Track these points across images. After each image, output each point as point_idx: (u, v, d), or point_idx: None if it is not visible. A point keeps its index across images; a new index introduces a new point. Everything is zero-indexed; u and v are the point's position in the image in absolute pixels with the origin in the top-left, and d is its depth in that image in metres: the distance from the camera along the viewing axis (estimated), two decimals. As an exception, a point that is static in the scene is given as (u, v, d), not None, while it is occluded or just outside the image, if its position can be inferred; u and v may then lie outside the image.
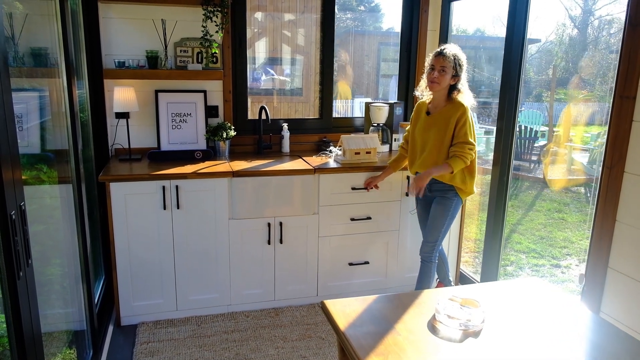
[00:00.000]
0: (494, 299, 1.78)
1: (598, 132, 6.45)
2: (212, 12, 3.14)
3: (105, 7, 3.16)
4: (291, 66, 3.98)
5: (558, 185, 6.53)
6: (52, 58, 2.26)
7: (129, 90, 3.11)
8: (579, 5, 6.53)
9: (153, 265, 3.00)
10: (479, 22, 6.21)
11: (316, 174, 3.13)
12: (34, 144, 2.22)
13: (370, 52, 4.46)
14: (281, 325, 3.08)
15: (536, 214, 6.01)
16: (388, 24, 4.50)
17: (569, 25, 6.62)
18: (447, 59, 2.71)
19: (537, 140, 7.03)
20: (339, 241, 3.30)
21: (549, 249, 5.11)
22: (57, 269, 2.44)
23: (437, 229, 2.91)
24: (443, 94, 2.80)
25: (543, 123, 7.25)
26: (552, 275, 4.57)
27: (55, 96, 2.33)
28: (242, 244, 3.11)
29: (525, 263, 4.81)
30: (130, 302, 3.02)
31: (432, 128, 2.82)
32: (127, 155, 3.23)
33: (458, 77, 2.75)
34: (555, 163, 6.89)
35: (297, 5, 3.76)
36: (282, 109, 4.00)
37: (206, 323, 3.08)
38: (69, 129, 2.38)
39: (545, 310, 1.72)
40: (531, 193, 6.72)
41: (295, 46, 3.90)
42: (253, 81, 3.83)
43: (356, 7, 4.43)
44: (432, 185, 2.89)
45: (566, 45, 6.63)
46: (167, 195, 2.91)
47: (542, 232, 5.50)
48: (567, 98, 6.91)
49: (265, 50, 3.88)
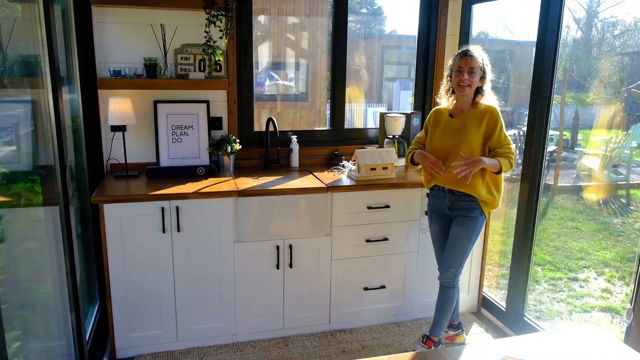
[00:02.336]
0: (543, 355, 1.51)
1: (610, 136, 6.26)
2: (215, 16, 2.89)
3: (99, 11, 2.92)
4: (295, 71, 3.78)
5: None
6: (36, 66, 2.03)
7: (125, 101, 2.87)
8: (582, 8, 6.42)
9: (152, 292, 2.75)
10: (483, 26, 6.04)
11: (329, 193, 2.88)
12: (13, 159, 1.99)
13: (375, 56, 4.27)
14: (291, 357, 2.82)
15: (549, 223, 5.80)
16: (392, 26, 4.30)
17: (573, 27, 6.53)
18: (474, 59, 2.52)
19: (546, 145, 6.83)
20: (353, 264, 3.04)
21: (564, 261, 4.90)
22: (41, 298, 2.22)
23: (461, 253, 2.65)
24: (469, 97, 2.60)
25: (552, 127, 7.06)
26: (570, 289, 4.35)
27: (42, 107, 2.10)
28: (249, 269, 2.86)
29: (542, 276, 4.60)
30: (127, 332, 2.77)
31: (460, 130, 2.58)
32: (123, 172, 2.98)
33: (485, 78, 2.58)
34: (565, 168, 6.72)
35: (302, 9, 3.56)
36: (287, 116, 3.79)
37: (209, 355, 2.82)
38: (55, 144, 2.13)
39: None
40: (543, 200, 6.52)
41: (300, 50, 3.70)
42: (257, 86, 3.61)
43: (358, 10, 4.25)
44: (454, 203, 2.63)
45: (570, 48, 6.51)
46: (167, 217, 2.65)
47: (557, 242, 5.31)
48: (574, 102, 6.75)
49: (269, 55, 3.68)
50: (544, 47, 2.73)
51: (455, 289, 2.72)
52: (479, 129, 2.54)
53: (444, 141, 2.63)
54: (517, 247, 3.02)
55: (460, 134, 2.57)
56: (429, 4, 3.52)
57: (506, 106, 6.23)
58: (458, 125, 2.60)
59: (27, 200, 2.02)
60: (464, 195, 2.58)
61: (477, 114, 2.56)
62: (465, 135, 2.55)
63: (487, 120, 2.53)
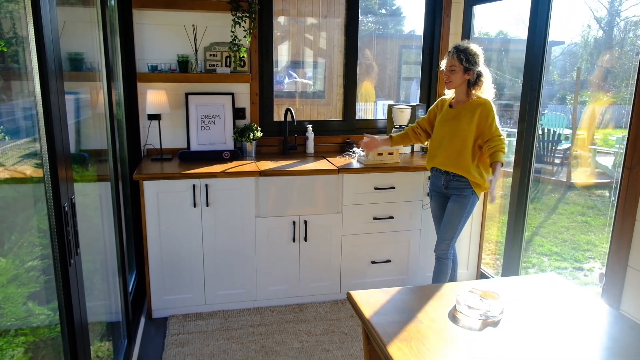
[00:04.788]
0: (513, 292, 1.85)
1: (623, 134, 6.34)
2: (240, 17, 3.26)
3: (139, 13, 3.32)
4: (314, 69, 4.06)
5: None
6: (93, 62, 2.40)
7: (160, 93, 3.26)
8: (604, 7, 6.46)
9: (183, 260, 3.13)
10: (502, 25, 6.21)
11: (340, 174, 3.23)
12: (77, 144, 2.36)
13: (392, 55, 4.51)
14: (305, 320, 3.18)
15: (559, 217, 5.97)
16: (410, 27, 4.55)
17: (595, 27, 6.55)
18: (453, 58, 2.77)
19: (560, 143, 6.99)
20: (362, 239, 3.39)
21: (571, 252, 5.08)
22: (95, 264, 2.58)
23: (454, 227, 2.95)
24: (463, 90, 2.84)
25: (567, 126, 7.19)
26: (574, 277, 4.56)
27: (96, 99, 2.48)
28: (268, 242, 3.22)
29: (547, 265, 4.80)
30: (161, 295, 3.15)
31: (455, 120, 2.86)
32: (158, 155, 3.38)
33: (471, 71, 2.78)
34: (579, 166, 6.83)
35: (320, 10, 3.84)
36: (305, 112, 4.08)
37: (233, 317, 3.20)
38: (108, 130, 2.52)
39: (562, 303, 1.78)
40: (554, 196, 6.68)
41: (317, 49, 3.99)
42: (276, 84, 3.93)
43: (377, 10, 4.50)
44: (449, 182, 2.93)
45: (591, 47, 6.57)
46: (197, 193, 3.03)
47: (565, 235, 5.46)
48: (591, 100, 6.84)
49: (288, 54, 3.98)
50: (534, 43, 3.03)
51: (448, 260, 3.01)
52: (471, 120, 2.80)
53: (441, 128, 2.94)
54: (510, 226, 3.33)
55: (454, 123, 2.86)
56: (433, 5, 3.84)
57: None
58: (453, 115, 2.89)
59: (87, 176, 2.40)
60: (457, 176, 2.89)
61: (471, 106, 2.82)
62: (458, 125, 2.84)
63: (480, 112, 2.78)
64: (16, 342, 1.58)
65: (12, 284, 1.55)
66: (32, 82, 1.39)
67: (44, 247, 1.58)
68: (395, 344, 1.45)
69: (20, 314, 1.60)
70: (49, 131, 1.41)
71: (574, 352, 1.47)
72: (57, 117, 1.46)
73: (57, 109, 1.46)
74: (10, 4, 1.50)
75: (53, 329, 1.68)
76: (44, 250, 1.58)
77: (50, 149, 1.42)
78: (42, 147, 1.43)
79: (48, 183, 1.45)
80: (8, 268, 1.55)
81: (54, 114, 1.43)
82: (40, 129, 1.41)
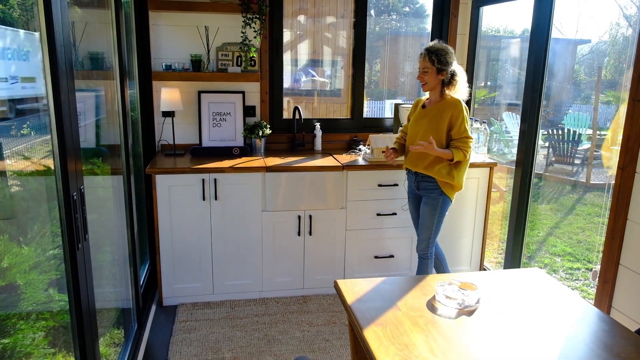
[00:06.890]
0: (494, 285, 1.92)
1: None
2: (251, 19, 3.39)
3: (155, 15, 3.47)
4: (331, 68, 4.14)
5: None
6: (107, 62, 2.55)
7: (174, 91, 3.41)
8: (634, 4, 6.37)
9: (193, 251, 3.28)
10: (510, 24, 6.17)
11: (344, 171, 3.33)
12: (90, 139, 2.52)
13: (414, 54, 4.54)
14: (308, 311, 3.29)
15: (575, 218, 5.93)
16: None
17: (624, 25, 6.45)
18: (425, 59, 2.79)
19: (581, 143, 6.91)
20: (365, 235, 3.48)
21: (585, 253, 5.05)
22: (107, 254, 2.72)
23: (428, 228, 2.97)
24: (437, 91, 2.86)
25: (589, 126, 7.11)
26: (586, 279, 4.56)
27: (110, 96, 2.63)
28: (274, 235, 3.35)
29: (560, 266, 4.80)
30: (172, 284, 3.31)
31: (424, 119, 2.87)
32: (172, 151, 3.53)
33: (444, 71, 2.78)
34: (599, 167, 6.75)
35: (337, 10, 3.93)
36: (321, 110, 4.18)
37: (239, 306, 3.33)
38: (120, 126, 2.68)
39: (540, 297, 1.85)
40: (572, 197, 6.64)
41: (335, 48, 4.08)
42: (294, 82, 4.03)
43: (401, 9, 4.53)
44: (419, 183, 2.95)
45: (620, 46, 6.46)
46: (207, 187, 3.17)
47: (580, 236, 5.42)
48: (614, 100, 6.74)
49: (307, 52, 4.07)
50: (536, 43, 3.07)
51: (429, 260, 3.04)
52: (440, 120, 2.81)
53: (414, 128, 2.95)
54: (512, 224, 3.38)
55: (424, 122, 2.87)
56: (442, 6, 3.90)
57: (547, 107, 6.32)
58: (424, 115, 2.90)
59: (98, 170, 2.56)
60: (425, 177, 2.90)
61: (442, 106, 2.83)
62: (428, 125, 2.85)
63: (451, 112, 2.79)
64: (37, 325, 1.72)
65: (33, 271, 1.70)
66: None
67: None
68: (371, 328, 1.55)
69: (41, 299, 1.74)
70: (60, 127, 1.55)
71: (539, 341, 1.54)
72: (67, 114, 1.60)
73: (67, 106, 1.60)
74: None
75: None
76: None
77: (60, 143, 1.57)
78: (53, 141, 1.57)
79: (58, 174, 1.60)
80: (30, 255, 1.69)
81: (64, 111, 1.57)
82: (52, 125, 1.56)
